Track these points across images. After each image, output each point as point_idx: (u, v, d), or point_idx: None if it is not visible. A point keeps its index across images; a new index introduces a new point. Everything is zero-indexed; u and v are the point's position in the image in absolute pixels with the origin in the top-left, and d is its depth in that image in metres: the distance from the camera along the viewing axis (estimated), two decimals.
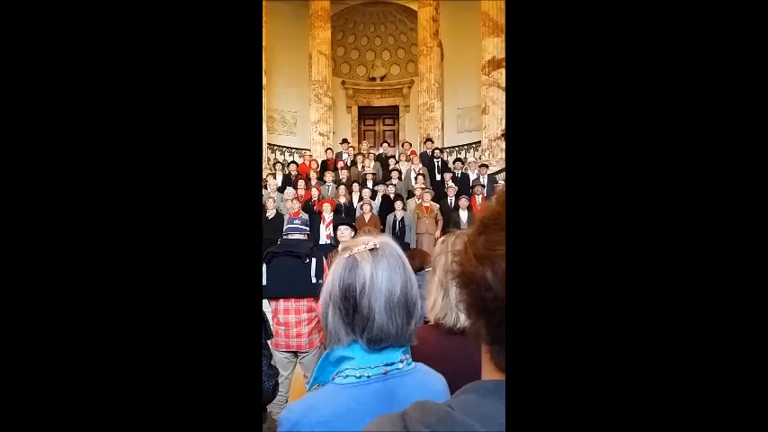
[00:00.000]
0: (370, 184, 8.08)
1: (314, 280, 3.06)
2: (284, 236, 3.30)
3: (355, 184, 8.04)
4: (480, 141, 10.38)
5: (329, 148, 10.51)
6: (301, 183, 8.12)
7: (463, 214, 6.94)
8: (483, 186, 7.59)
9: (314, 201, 7.61)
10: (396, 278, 0.86)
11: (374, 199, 7.57)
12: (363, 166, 9.13)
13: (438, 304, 1.23)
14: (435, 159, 9.10)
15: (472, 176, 8.31)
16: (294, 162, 9.83)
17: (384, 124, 14.32)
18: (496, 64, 9.66)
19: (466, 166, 8.82)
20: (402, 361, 0.88)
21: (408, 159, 9.04)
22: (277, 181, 8.63)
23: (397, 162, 9.08)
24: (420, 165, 8.65)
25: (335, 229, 5.35)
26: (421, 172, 8.16)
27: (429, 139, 10.06)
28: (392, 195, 7.55)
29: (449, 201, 7.55)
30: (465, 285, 0.50)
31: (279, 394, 2.53)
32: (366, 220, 6.65)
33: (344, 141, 11.04)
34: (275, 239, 3.63)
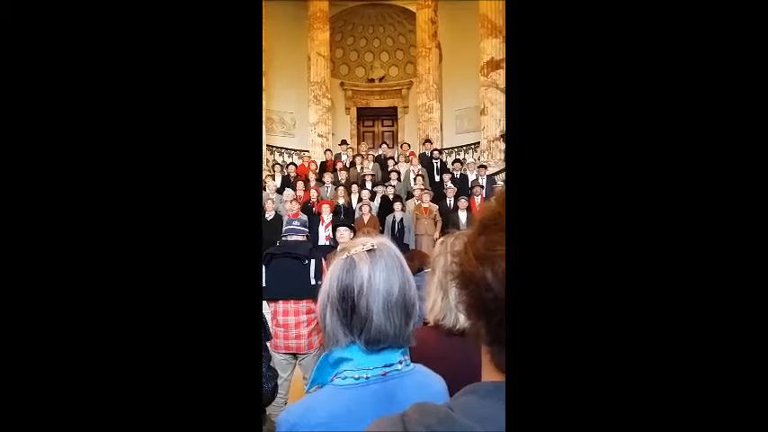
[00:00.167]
0: (369, 186, 8.09)
1: (313, 281, 3.06)
2: (283, 237, 3.30)
3: (354, 186, 8.05)
4: (479, 142, 10.39)
5: (328, 150, 10.51)
6: (300, 184, 8.12)
7: (462, 215, 6.94)
8: (482, 187, 7.60)
9: (313, 202, 7.61)
10: (394, 279, 0.86)
11: (373, 200, 7.58)
12: (362, 168, 9.14)
13: (437, 305, 1.23)
14: (434, 160, 9.10)
15: (471, 177, 8.32)
16: (293, 163, 9.83)
17: (383, 125, 14.32)
18: (495, 65, 9.67)
19: (465, 167, 8.82)
20: (401, 362, 0.88)
21: (407, 160, 9.05)
22: (276, 182, 8.64)
23: (396, 163, 9.08)
24: (419, 166, 8.65)
25: (334, 231, 5.36)
26: (420, 173, 8.17)
27: (428, 140, 10.07)
28: (391, 196, 7.56)
29: (448, 202, 7.55)
30: (465, 286, 0.50)
31: (278, 396, 2.52)
32: (365, 222, 6.66)
33: (343, 142, 11.05)
34: (274, 241, 3.62)
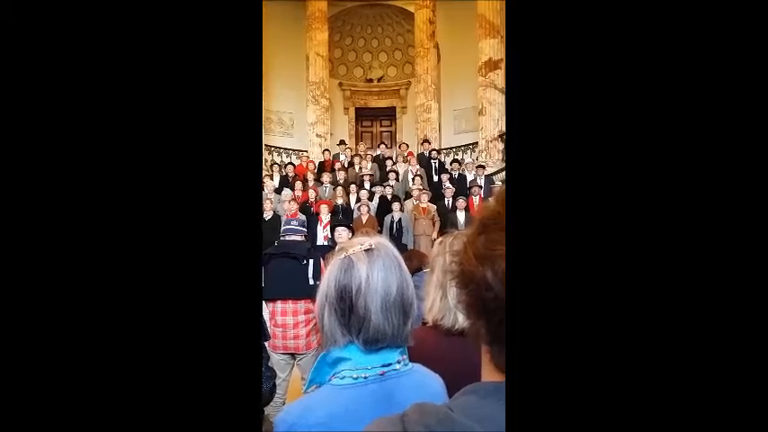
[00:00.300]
0: (367, 186, 8.09)
1: (311, 281, 3.06)
2: (281, 237, 3.29)
3: (353, 186, 8.04)
4: (477, 142, 10.40)
5: (326, 150, 10.51)
6: (298, 184, 8.11)
7: (460, 215, 6.95)
8: (480, 187, 7.61)
9: (311, 202, 7.60)
10: (391, 278, 0.86)
11: (371, 200, 7.57)
12: (361, 168, 9.14)
13: (436, 305, 1.23)
14: (432, 160, 9.11)
15: (469, 177, 8.33)
16: (291, 163, 9.82)
17: (381, 125, 14.33)
18: (493, 65, 9.68)
19: (463, 167, 8.83)
20: (399, 362, 0.88)
21: (406, 160, 9.05)
22: (274, 182, 8.63)
23: (395, 163, 9.08)
24: (417, 166, 8.66)
25: (333, 231, 5.36)
26: (418, 173, 8.17)
27: (426, 141, 10.07)
28: (389, 196, 7.56)
29: (446, 202, 7.56)
30: (465, 285, 0.50)
31: (276, 396, 2.52)
32: (363, 222, 6.65)
33: (342, 143, 11.05)
34: (272, 241, 3.62)
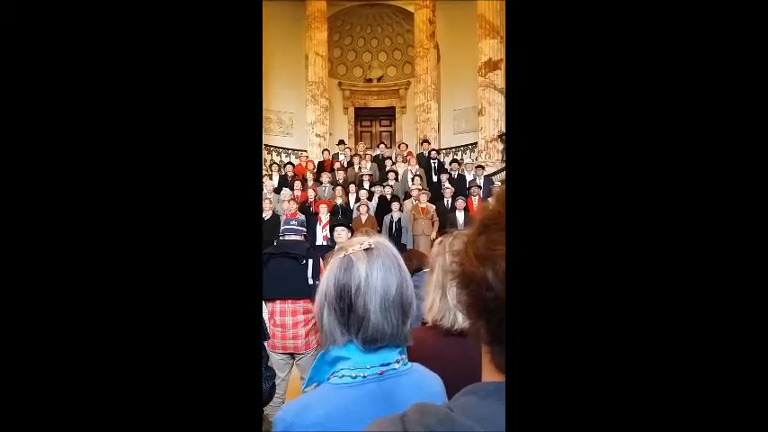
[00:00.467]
0: (366, 186, 8.08)
1: (311, 281, 3.06)
2: (281, 237, 3.29)
3: (352, 186, 8.03)
4: (477, 143, 10.40)
5: (326, 150, 10.50)
6: (298, 184, 8.11)
7: (459, 215, 6.95)
8: (479, 187, 7.61)
9: (310, 202, 7.60)
10: (391, 278, 0.86)
11: (371, 200, 7.57)
12: (360, 168, 9.13)
13: (436, 305, 1.23)
14: (432, 161, 9.10)
15: (469, 177, 8.33)
16: (291, 163, 9.81)
17: (381, 125, 14.32)
18: (493, 65, 9.68)
19: (462, 168, 8.83)
20: (398, 361, 0.88)
21: (405, 161, 9.04)
22: (273, 182, 8.62)
23: (394, 163, 9.08)
24: (417, 166, 8.65)
25: (332, 231, 5.36)
26: (417, 173, 8.16)
27: (426, 141, 10.07)
28: (389, 196, 7.56)
29: (445, 202, 7.56)
30: (465, 285, 0.50)
31: (275, 396, 2.52)
32: (363, 221, 6.65)
33: (341, 142, 11.03)
34: (272, 240, 3.62)
